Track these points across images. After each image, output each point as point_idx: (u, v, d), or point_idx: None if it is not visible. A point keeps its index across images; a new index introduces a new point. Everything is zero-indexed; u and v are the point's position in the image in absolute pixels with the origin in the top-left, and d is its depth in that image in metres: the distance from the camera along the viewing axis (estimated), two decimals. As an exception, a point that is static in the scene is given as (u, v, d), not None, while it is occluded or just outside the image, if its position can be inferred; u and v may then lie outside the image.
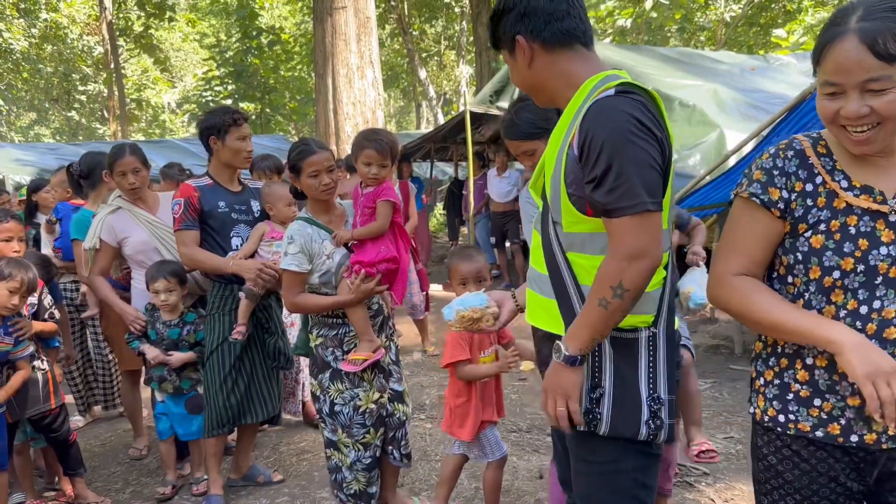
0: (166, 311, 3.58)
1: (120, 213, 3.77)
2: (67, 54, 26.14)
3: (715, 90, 7.48)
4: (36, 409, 3.30)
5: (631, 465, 1.75)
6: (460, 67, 23.72)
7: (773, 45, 15.41)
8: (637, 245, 1.57)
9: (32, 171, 12.55)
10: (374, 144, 2.83)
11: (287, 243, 2.84)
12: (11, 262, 3.11)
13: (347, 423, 2.91)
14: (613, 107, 1.58)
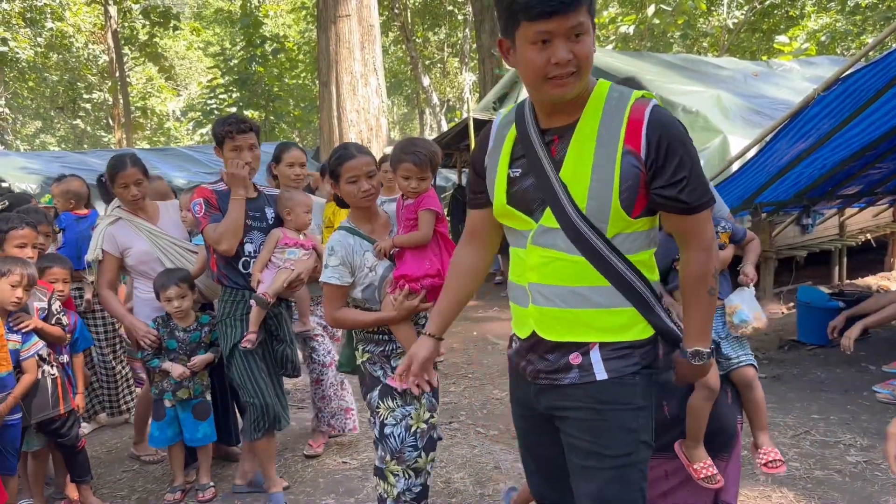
0: (180, 318, 3.59)
1: (120, 224, 3.76)
2: (73, 63, 26.28)
3: (718, 96, 7.49)
4: (44, 413, 3.32)
5: (641, 457, 1.84)
6: (463, 74, 23.78)
7: (775, 51, 15.42)
8: (710, 233, 1.81)
9: (38, 180, 12.60)
10: (413, 157, 2.68)
11: (328, 255, 2.71)
12: (8, 259, 3.17)
13: (398, 447, 2.69)
14: (669, 116, 1.76)
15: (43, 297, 3.42)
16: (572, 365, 1.84)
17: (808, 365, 5.47)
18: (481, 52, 15.86)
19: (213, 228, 3.33)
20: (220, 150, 3.43)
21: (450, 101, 28.08)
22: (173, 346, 3.60)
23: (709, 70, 9.16)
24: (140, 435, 4.37)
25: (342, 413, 4.22)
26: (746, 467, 3.69)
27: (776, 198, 6.18)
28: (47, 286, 3.51)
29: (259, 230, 3.48)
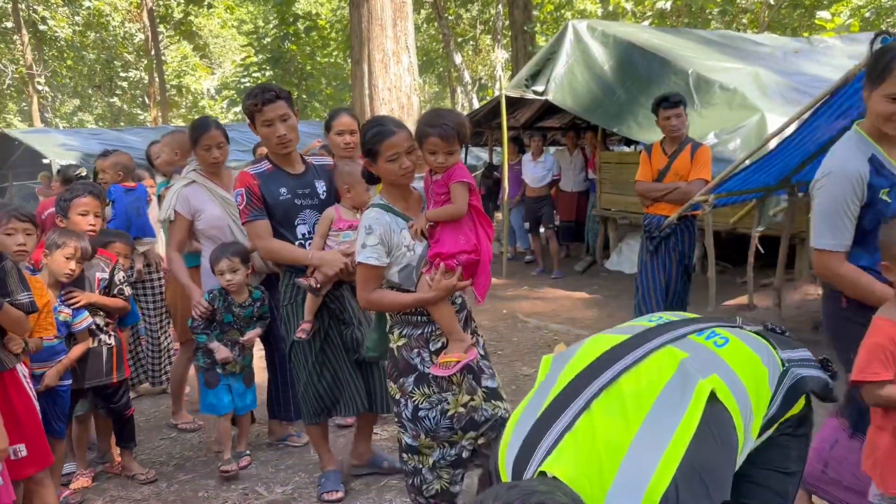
0: (234, 292, 3.57)
1: (194, 187, 3.68)
2: (109, 41, 26.64)
3: (756, 73, 7.34)
4: (98, 380, 3.46)
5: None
6: (496, 52, 23.57)
7: (817, 28, 15.02)
8: None
9: (77, 156, 12.88)
10: (438, 130, 2.51)
11: (365, 233, 2.58)
12: (63, 232, 3.27)
13: (433, 428, 2.64)
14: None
15: (105, 267, 3.54)
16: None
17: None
18: (514, 29, 15.71)
19: (261, 231, 3.18)
20: (253, 126, 3.24)
21: (481, 79, 27.90)
22: (229, 320, 3.61)
23: (747, 47, 8.97)
24: (176, 404, 4.50)
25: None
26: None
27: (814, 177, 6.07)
28: (111, 256, 3.64)
29: (311, 208, 3.27)
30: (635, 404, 1.53)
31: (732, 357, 1.70)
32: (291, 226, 3.24)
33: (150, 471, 3.73)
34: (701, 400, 1.50)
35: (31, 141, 13.98)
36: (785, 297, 6.25)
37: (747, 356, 1.73)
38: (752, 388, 1.66)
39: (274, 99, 3.15)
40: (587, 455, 1.47)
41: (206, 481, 3.68)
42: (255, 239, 3.25)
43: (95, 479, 3.69)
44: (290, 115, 3.21)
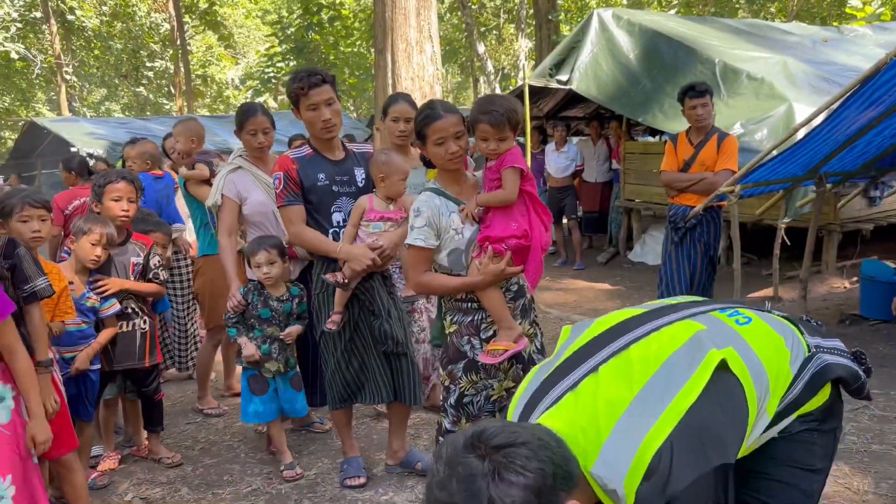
0: (270, 286, 3.47)
1: (240, 173, 3.66)
2: (136, 31, 26.89)
3: (784, 62, 7.23)
4: (130, 363, 3.54)
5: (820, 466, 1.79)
6: (519, 41, 23.42)
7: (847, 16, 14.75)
8: None
9: (104, 144, 13.08)
10: (488, 117, 2.50)
11: (413, 216, 2.60)
12: (90, 218, 3.33)
13: (476, 413, 2.66)
14: None
15: (140, 252, 3.60)
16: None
17: (869, 340, 5.32)
18: (538, 18, 15.61)
19: (294, 216, 3.16)
20: (297, 111, 3.21)
21: (504, 69, 27.76)
22: (267, 315, 3.48)
23: (775, 36, 8.83)
24: (202, 390, 4.57)
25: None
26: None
27: (842, 168, 5.96)
28: (146, 240, 3.69)
29: (348, 195, 3.24)
30: (641, 368, 1.51)
31: (753, 335, 1.67)
32: (327, 212, 3.21)
33: (176, 455, 3.79)
34: (709, 367, 1.47)
35: (60, 129, 14.21)
36: (811, 289, 6.18)
37: (769, 336, 1.69)
38: (772, 366, 1.62)
39: (320, 83, 3.13)
40: (585, 411, 1.47)
41: (231, 465, 3.73)
42: (287, 224, 3.22)
43: (122, 462, 3.76)
44: (334, 99, 3.20)
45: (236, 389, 4.85)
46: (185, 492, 3.46)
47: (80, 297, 3.30)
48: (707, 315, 1.71)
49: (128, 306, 3.52)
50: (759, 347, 1.64)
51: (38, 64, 23.60)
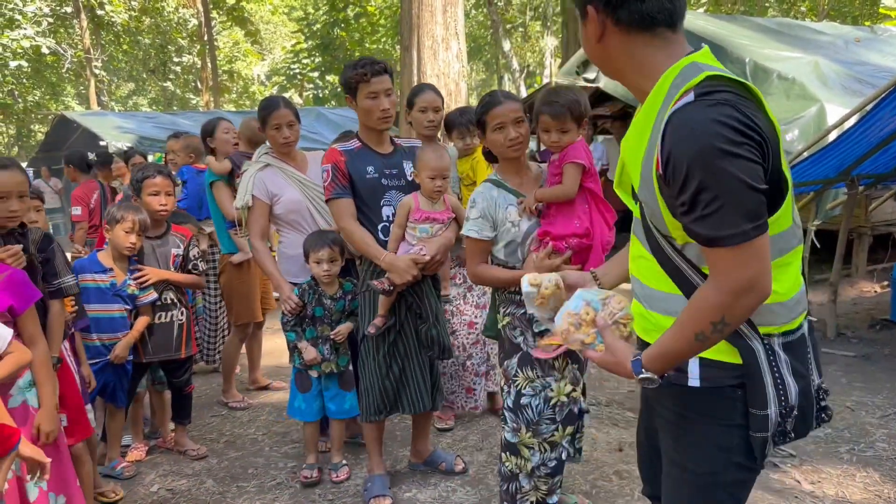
0: (327, 284, 3.36)
1: (269, 171, 3.53)
2: (164, 27, 27.14)
3: (816, 62, 7.13)
4: (166, 354, 3.60)
5: (730, 478, 1.63)
6: (545, 38, 23.34)
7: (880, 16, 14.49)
8: (742, 279, 1.39)
9: (132, 138, 13.21)
10: (549, 108, 2.49)
11: (469, 207, 2.56)
12: (122, 207, 3.39)
13: (535, 419, 2.53)
14: (695, 119, 1.37)
15: (180, 243, 3.67)
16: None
17: (901, 346, 5.24)
18: (565, 15, 15.52)
19: (344, 210, 3.06)
20: (353, 99, 3.11)
21: (529, 67, 27.67)
22: (320, 314, 3.37)
23: (806, 35, 8.71)
24: (227, 383, 4.61)
25: (462, 392, 3.99)
26: (830, 445, 3.60)
27: (875, 170, 5.87)
28: (185, 232, 3.75)
29: (398, 189, 3.14)
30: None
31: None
32: (377, 206, 3.11)
33: (202, 447, 3.83)
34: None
35: (89, 123, 14.37)
36: (841, 293, 6.09)
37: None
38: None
39: (382, 72, 3.06)
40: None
41: (256, 459, 3.76)
42: (337, 218, 3.12)
43: (149, 454, 3.81)
44: (392, 90, 3.13)
45: (261, 383, 4.89)
46: (210, 484, 3.49)
47: (121, 284, 3.38)
48: None
49: (167, 297, 3.59)
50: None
51: (68, 58, 23.92)
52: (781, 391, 1.53)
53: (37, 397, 2.51)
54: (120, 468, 3.53)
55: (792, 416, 1.54)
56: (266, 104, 3.61)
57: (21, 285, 2.45)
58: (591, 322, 1.75)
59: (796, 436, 1.58)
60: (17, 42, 21.29)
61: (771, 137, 1.41)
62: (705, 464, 1.63)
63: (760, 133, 1.38)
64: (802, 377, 1.56)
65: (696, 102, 1.38)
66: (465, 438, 3.88)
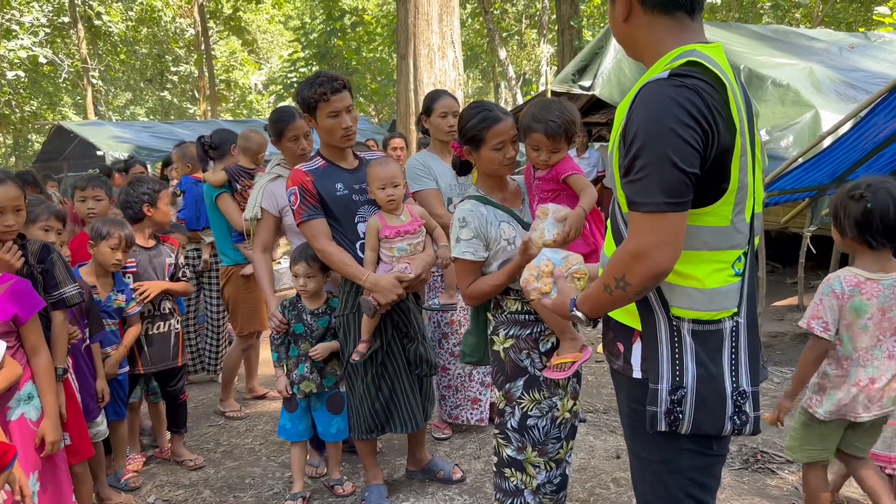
0: (307, 299, 3.25)
1: (280, 182, 3.43)
2: (161, 36, 27.18)
3: (810, 69, 7.16)
4: (164, 364, 3.62)
5: (686, 464, 1.70)
6: (541, 46, 23.40)
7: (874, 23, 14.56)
8: (642, 244, 1.52)
9: (129, 148, 13.23)
10: (544, 127, 2.34)
11: (459, 226, 2.43)
12: (107, 222, 3.36)
13: (542, 439, 2.47)
14: (658, 93, 1.51)
15: (171, 253, 3.72)
16: (619, 352, 1.78)
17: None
18: (560, 23, 15.57)
19: (318, 232, 2.99)
20: (312, 118, 3.03)
21: (526, 75, 27.74)
22: (300, 331, 3.25)
23: (801, 42, 8.74)
24: (226, 392, 4.60)
25: (468, 404, 3.97)
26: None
27: (870, 176, 5.91)
28: (173, 242, 3.81)
29: (369, 204, 3.07)
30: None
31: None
32: (352, 224, 3.04)
33: (199, 457, 3.82)
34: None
35: (86, 133, 14.38)
36: (837, 299, 6.08)
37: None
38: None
39: (341, 88, 2.99)
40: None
41: (253, 469, 3.75)
42: (311, 240, 3.02)
43: (146, 464, 3.80)
44: (352, 105, 3.08)
45: (258, 392, 4.89)
46: (207, 494, 3.48)
47: (105, 300, 3.35)
48: None
49: (165, 307, 3.62)
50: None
51: (65, 68, 23.93)
52: (678, 371, 1.62)
53: (35, 410, 2.51)
54: (125, 479, 3.52)
55: (686, 399, 1.62)
56: (281, 116, 3.51)
57: (25, 294, 2.46)
58: (548, 273, 1.96)
59: (708, 429, 1.63)
60: (14, 52, 21.28)
61: (724, 134, 1.52)
62: (658, 452, 1.72)
63: (711, 125, 1.49)
64: (705, 367, 1.62)
65: (666, 80, 1.52)
66: (462, 447, 3.88)
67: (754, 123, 1.70)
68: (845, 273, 2.49)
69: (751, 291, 1.69)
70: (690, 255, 1.60)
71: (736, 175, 1.56)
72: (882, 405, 2.53)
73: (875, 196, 2.37)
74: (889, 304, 2.46)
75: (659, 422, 1.65)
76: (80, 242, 3.58)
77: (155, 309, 3.60)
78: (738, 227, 1.62)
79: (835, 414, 2.55)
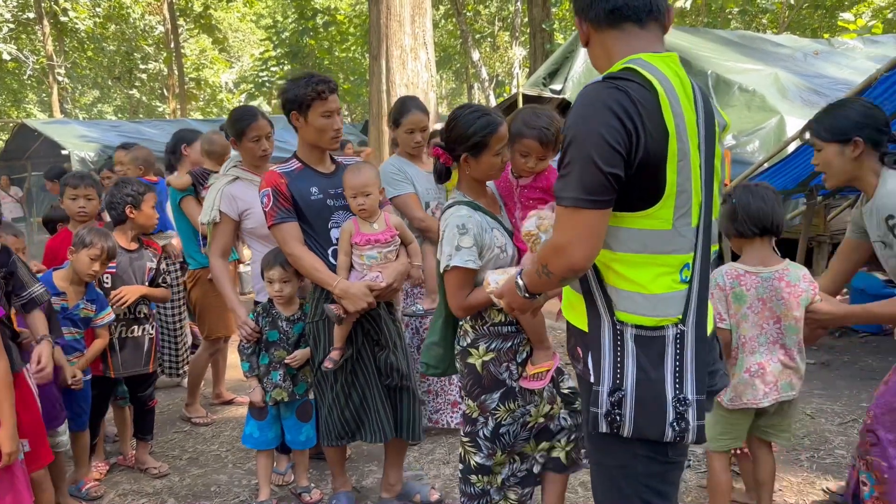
0: (282, 304, 3.18)
1: (240, 184, 3.32)
2: (130, 34, 26.79)
3: (776, 75, 7.29)
4: (136, 370, 3.56)
5: (641, 470, 1.72)
6: (514, 49, 23.48)
7: (839, 29, 14.85)
8: (561, 238, 1.60)
9: (96, 147, 12.98)
10: (537, 133, 2.33)
11: (458, 234, 2.31)
12: (92, 231, 3.28)
13: (511, 442, 2.48)
14: (590, 94, 1.57)
15: (153, 257, 3.67)
16: (579, 356, 1.79)
17: (859, 353, 5.35)
18: (532, 27, 15.65)
19: (289, 235, 2.91)
20: (301, 116, 2.92)
21: (499, 76, 27.82)
22: (274, 338, 3.17)
23: (767, 48, 8.89)
24: (192, 398, 4.54)
25: (448, 408, 3.94)
26: (791, 453, 3.65)
27: None
28: (156, 246, 3.77)
29: (345, 209, 2.99)
30: None
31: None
32: (325, 229, 2.98)
33: (163, 464, 3.76)
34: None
35: (51, 132, 14.07)
36: (801, 301, 6.19)
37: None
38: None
39: (335, 90, 2.94)
40: None
41: (218, 476, 3.70)
42: (282, 244, 2.95)
43: (109, 472, 3.73)
44: (340, 109, 3.04)
45: (225, 398, 4.83)
46: (172, 503, 3.42)
47: (73, 308, 3.27)
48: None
49: (141, 311, 3.57)
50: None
51: (30, 65, 23.47)
52: (618, 373, 1.65)
53: None
54: (87, 488, 3.44)
55: (625, 402, 1.64)
56: (243, 115, 3.39)
57: None
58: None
59: (649, 434, 1.65)
60: (-24, 48, 20.85)
61: (654, 137, 1.54)
62: (612, 457, 1.75)
63: (637, 126, 1.53)
64: (645, 372, 1.64)
65: (600, 82, 1.58)
66: (431, 452, 3.87)
67: (715, 134, 1.71)
68: (726, 268, 2.68)
69: (702, 301, 1.69)
70: (634, 258, 1.63)
71: (673, 179, 1.58)
72: (779, 390, 2.67)
73: (737, 194, 2.67)
74: (769, 294, 2.63)
75: (600, 423, 1.68)
76: (63, 242, 3.51)
77: (130, 312, 3.53)
78: (682, 232, 1.63)
79: (737, 401, 2.68)
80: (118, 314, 3.47)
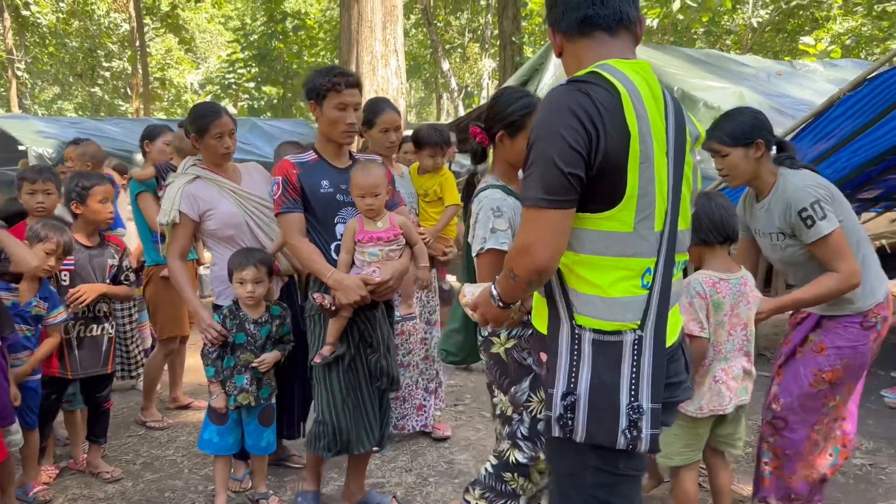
0: (250, 306, 3.11)
1: (200, 183, 3.22)
2: (93, 30, 26.30)
3: (740, 93, 7.41)
4: (94, 370, 3.44)
5: (590, 480, 1.71)
6: (483, 61, 23.63)
7: (799, 52, 15.25)
8: (525, 240, 1.61)
9: (54, 144, 12.66)
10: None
11: (494, 216, 2.31)
12: (48, 225, 3.17)
13: None
14: (553, 96, 1.61)
15: (116, 254, 3.54)
16: (542, 362, 1.79)
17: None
18: (502, 39, 15.74)
19: (293, 226, 2.88)
20: (318, 106, 2.91)
21: (468, 87, 27.95)
22: (241, 341, 3.10)
23: (732, 67, 9.06)
24: (147, 401, 4.42)
25: (413, 412, 3.95)
26: (751, 464, 3.68)
27: None
28: (120, 243, 3.63)
29: (353, 206, 2.95)
30: None
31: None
32: (330, 224, 2.94)
33: (116, 469, 3.65)
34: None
35: (7, 126, 13.67)
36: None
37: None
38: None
39: (354, 84, 2.92)
40: None
41: (174, 482, 3.61)
42: (285, 234, 2.93)
43: (59, 476, 3.60)
44: (360, 105, 3.01)
45: (182, 402, 4.72)
46: (124, 508, 3.32)
47: (24, 305, 3.16)
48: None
49: (100, 309, 3.45)
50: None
51: (-11, 58, 22.87)
52: (573, 377, 1.65)
53: None
54: (33, 493, 3.31)
55: (578, 406, 1.63)
56: (206, 112, 3.27)
57: None
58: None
59: (601, 440, 1.64)
60: (-68, 39, 20.24)
61: (614, 138, 1.56)
62: (563, 464, 1.77)
63: (597, 127, 1.55)
64: (600, 377, 1.64)
65: (565, 85, 1.61)
66: (394, 459, 3.82)
67: (686, 142, 1.72)
68: (700, 276, 2.67)
69: (662, 308, 1.68)
70: (596, 260, 1.64)
71: (635, 181, 1.59)
72: (737, 395, 2.73)
73: (699, 203, 2.69)
74: (737, 300, 2.68)
75: (553, 427, 1.67)
76: (20, 237, 3.37)
77: (89, 311, 3.42)
78: (644, 235, 1.63)
79: (706, 409, 2.70)
80: (76, 312, 3.36)
